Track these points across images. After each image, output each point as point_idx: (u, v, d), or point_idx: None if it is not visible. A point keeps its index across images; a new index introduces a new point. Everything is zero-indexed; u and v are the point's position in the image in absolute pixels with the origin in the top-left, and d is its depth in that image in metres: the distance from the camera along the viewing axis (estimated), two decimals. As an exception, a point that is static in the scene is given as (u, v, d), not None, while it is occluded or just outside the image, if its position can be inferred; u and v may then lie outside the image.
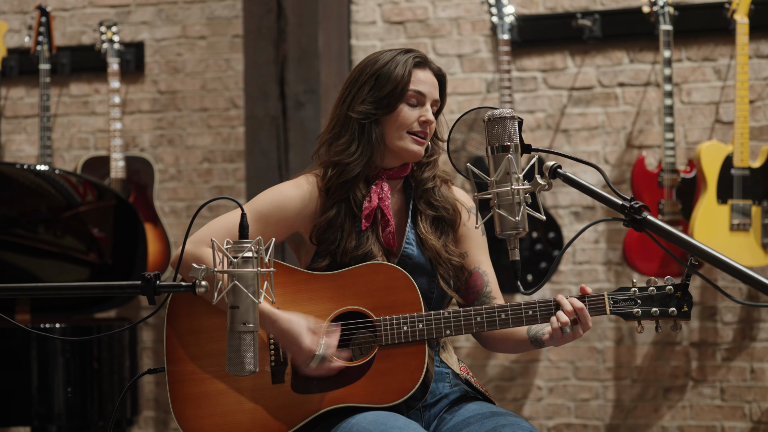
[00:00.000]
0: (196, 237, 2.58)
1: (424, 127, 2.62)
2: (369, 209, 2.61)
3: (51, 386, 4.13)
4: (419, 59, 2.66)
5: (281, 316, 2.50)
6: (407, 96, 2.62)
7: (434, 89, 2.66)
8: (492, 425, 2.46)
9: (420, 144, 2.62)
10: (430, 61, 2.69)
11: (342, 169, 2.62)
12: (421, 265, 2.62)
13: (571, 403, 4.92)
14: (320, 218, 2.62)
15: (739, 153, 4.49)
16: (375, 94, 2.62)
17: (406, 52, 2.67)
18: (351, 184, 2.62)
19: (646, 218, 2.03)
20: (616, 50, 4.87)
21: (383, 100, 2.62)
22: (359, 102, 2.63)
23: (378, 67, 2.64)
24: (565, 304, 2.46)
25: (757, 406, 4.74)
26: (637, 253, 4.61)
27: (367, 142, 2.62)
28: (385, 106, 2.62)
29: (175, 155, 5.30)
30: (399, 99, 2.62)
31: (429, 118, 2.62)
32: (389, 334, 2.51)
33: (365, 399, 2.50)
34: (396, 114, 2.62)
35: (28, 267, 4.49)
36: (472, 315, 2.51)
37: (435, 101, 2.66)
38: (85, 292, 2.31)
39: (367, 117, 2.62)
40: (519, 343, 2.62)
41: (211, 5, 5.27)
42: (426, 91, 2.63)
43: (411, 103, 2.63)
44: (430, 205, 2.67)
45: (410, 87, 2.62)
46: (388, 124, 2.63)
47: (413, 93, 2.62)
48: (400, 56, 2.65)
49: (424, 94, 2.63)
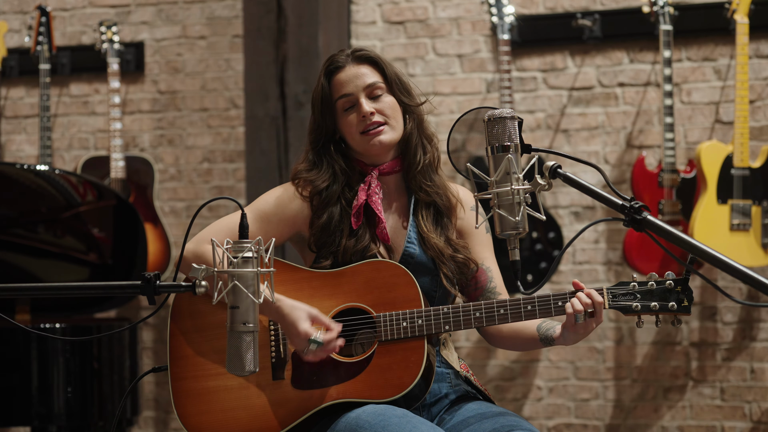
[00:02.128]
0: (198, 237, 2.61)
1: (366, 121, 2.61)
2: (356, 207, 2.62)
3: (51, 386, 4.13)
4: (333, 65, 2.65)
5: (285, 301, 2.52)
6: (338, 105, 2.64)
7: (361, 78, 2.63)
8: (492, 425, 2.46)
9: (376, 134, 2.61)
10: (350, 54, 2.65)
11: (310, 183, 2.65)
12: (423, 264, 2.63)
13: (571, 403, 4.92)
14: (314, 226, 2.64)
15: (739, 153, 4.49)
16: (315, 121, 2.68)
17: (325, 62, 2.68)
18: (328, 192, 2.64)
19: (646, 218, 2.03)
20: (616, 50, 4.87)
21: (323, 122, 2.66)
22: (310, 131, 2.70)
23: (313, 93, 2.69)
24: (582, 296, 2.46)
25: (757, 406, 4.74)
26: (637, 253, 4.61)
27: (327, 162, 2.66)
28: (327, 126, 2.65)
29: (175, 155, 5.30)
30: (333, 113, 2.65)
31: (363, 111, 2.60)
32: (389, 329, 2.52)
33: (365, 394, 2.51)
34: (342, 125, 2.65)
35: (28, 267, 4.49)
36: (471, 310, 2.52)
37: (369, 87, 2.63)
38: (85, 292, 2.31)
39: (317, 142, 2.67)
40: (528, 341, 2.61)
41: (211, 5, 5.27)
42: (351, 90, 2.62)
43: (346, 108, 2.63)
44: (425, 192, 2.66)
45: (335, 97, 2.63)
46: (344, 135, 2.66)
47: (342, 100, 2.63)
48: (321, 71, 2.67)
49: (351, 93, 2.62)
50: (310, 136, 2.69)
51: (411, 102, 2.67)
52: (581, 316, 2.45)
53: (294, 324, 2.50)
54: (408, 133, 2.66)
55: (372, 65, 2.65)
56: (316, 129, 2.67)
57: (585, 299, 2.46)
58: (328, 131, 2.65)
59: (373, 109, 2.60)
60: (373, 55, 2.65)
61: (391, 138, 2.62)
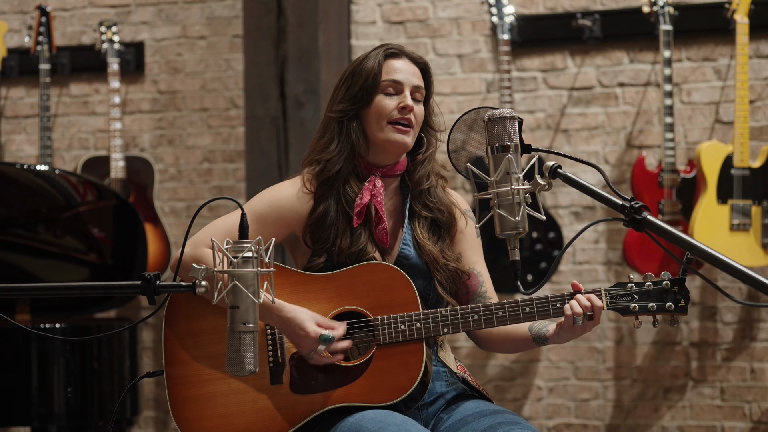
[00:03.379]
0: (194, 239, 2.59)
1: (404, 113, 2.60)
2: (360, 206, 2.61)
3: (51, 386, 4.13)
4: (392, 50, 2.65)
5: (286, 305, 2.51)
6: (382, 86, 2.62)
7: (413, 76, 2.64)
8: (489, 423, 2.46)
9: (403, 132, 2.61)
10: (407, 51, 2.67)
11: (323, 166, 2.63)
12: (417, 266, 2.62)
13: (571, 403, 4.92)
14: (310, 218, 2.62)
15: (739, 153, 4.49)
16: (350, 91, 2.64)
17: (381, 46, 2.67)
18: (334, 181, 2.62)
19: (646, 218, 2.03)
20: (616, 50, 4.87)
21: (357, 94, 2.62)
22: (337, 101, 2.65)
23: (353, 65, 2.66)
24: (581, 298, 2.46)
25: (757, 406, 4.74)
26: (637, 253, 4.61)
27: (346, 138, 2.63)
28: (359, 99, 2.62)
29: (175, 155, 5.30)
30: (373, 90, 2.62)
31: (407, 103, 2.60)
32: (387, 333, 2.51)
33: (364, 398, 2.50)
34: (374, 105, 2.62)
35: (28, 267, 4.49)
36: (470, 313, 2.51)
37: (416, 88, 2.64)
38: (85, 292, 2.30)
39: (344, 114, 2.63)
40: (520, 341, 2.61)
41: (211, 5, 5.27)
42: (402, 79, 2.62)
43: (388, 93, 2.62)
44: (425, 206, 2.67)
45: (383, 77, 2.61)
46: (368, 117, 2.63)
47: (388, 82, 2.62)
48: (373, 51, 2.66)
49: (401, 82, 2.62)
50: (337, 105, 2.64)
51: (433, 125, 2.70)
52: (580, 319, 2.46)
53: (301, 326, 2.49)
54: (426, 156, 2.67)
55: (423, 72, 2.67)
56: (349, 99, 2.63)
57: (585, 302, 2.46)
58: (358, 105, 2.62)
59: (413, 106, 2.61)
60: (426, 62, 2.69)
61: (410, 145, 2.64)
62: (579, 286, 2.50)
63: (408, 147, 2.63)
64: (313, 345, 2.48)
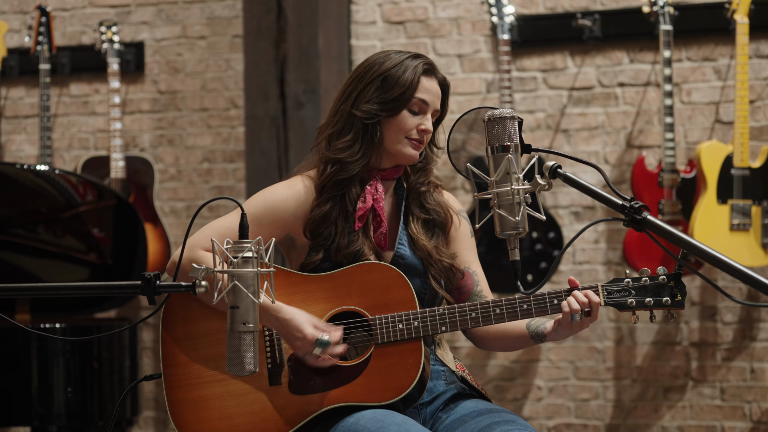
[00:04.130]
0: (191, 241, 2.57)
1: (421, 135, 2.64)
2: (363, 210, 2.62)
3: (51, 386, 4.13)
4: (428, 66, 2.66)
5: (284, 307, 2.51)
6: (412, 102, 2.63)
7: (437, 99, 2.67)
8: (488, 422, 2.46)
9: (416, 149, 2.64)
10: (437, 69, 2.69)
11: (342, 167, 2.62)
12: (413, 265, 2.63)
13: (571, 403, 4.92)
14: (314, 212, 2.62)
15: (739, 153, 4.49)
16: (381, 96, 2.62)
17: (415, 57, 2.67)
18: (347, 183, 2.63)
19: (646, 218, 2.03)
20: (616, 50, 4.87)
21: (389, 102, 2.62)
22: (364, 101, 2.63)
23: (386, 68, 2.64)
24: (579, 294, 2.47)
25: (757, 406, 4.74)
26: (637, 253, 4.61)
27: (369, 142, 2.63)
28: (390, 108, 2.62)
29: (175, 155, 5.30)
30: (404, 104, 2.63)
31: (428, 128, 2.64)
32: (385, 332, 2.52)
33: (363, 398, 2.50)
34: (399, 118, 2.63)
35: (28, 267, 4.49)
36: (467, 311, 2.52)
37: (436, 111, 2.67)
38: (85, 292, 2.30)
39: (372, 117, 2.63)
40: (518, 339, 2.62)
41: (211, 5, 5.27)
42: (429, 101, 2.65)
43: (413, 110, 2.64)
44: (422, 208, 2.69)
45: (416, 94, 2.63)
46: (389, 127, 2.63)
47: (417, 101, 2.63)
48: (410, 61, 2.65)
49: (428, 103, 2.64)
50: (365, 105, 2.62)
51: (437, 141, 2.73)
52: (578, 315, 2.46)
53: (299, 328, 2.49)
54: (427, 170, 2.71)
55: (444, 94, 2.69)
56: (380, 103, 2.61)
57: (582, 299, 2.47)
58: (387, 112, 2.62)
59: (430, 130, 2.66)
60: (449, 84, 2.71)
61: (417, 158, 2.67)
62: (576, 282, 2.51)
63: (415, 160, 2.67)
64: (309, 348, 2.49)
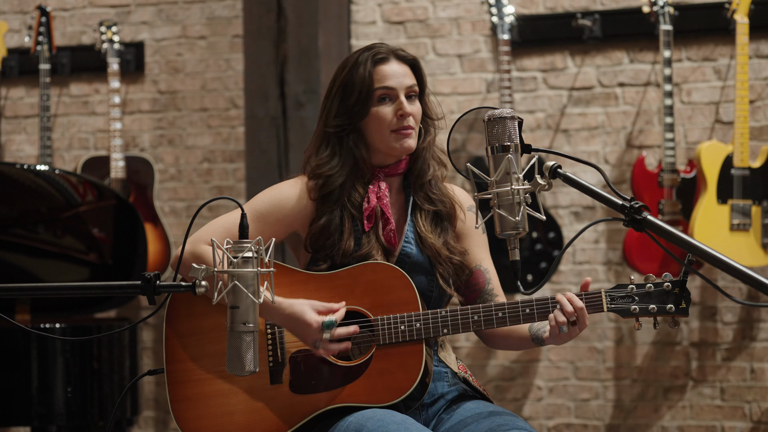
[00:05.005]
0: (194, 237, 2.59)
1: (401, 121, 2.58)
2: (369, 210, 2.60)
3: (51, 386, 4.13)
4: (380, 54, 2.60)
5: (284, 301, 2.50)
6: (376, 95, 2.59)
7: (405, 77, 2.60)
8: (490, 425, 2.46)
9: (405, 137, 2.59)
10: (394, 51, 2.62)
11: (325, 180, 2.61)
12: (419, 263, 2.62)
13: (571, 403, 4.92)
14: (313, 226, 2.61)
15: (739, 153, 4.49)
16: (345, 105, 2.60)
17: (366, 50, 2.62)
18: (339, 192, 2.61)
19: (646, 218, 2.03)
20: (616, 50, 4.87)
21: (353, 108, 2.59)
22: (332, 116, 2.62)
23: (343, 75, 2.61)
24: (565, 304, 2.45)
25: (757, 406, 4.74)
26: (637, 253, 4.61)
27: (347, 153, 2.61)
28: (356, 113, 2.59)
29: (175, 155, 5.30)
30: (368, 101, 2.59)
31: (405, 111, 2.58)
32: (387, 333, 2.51)
33: (363, 398, 2.50)
34: (372, 116, 2.59)
35: (28, 267, 4.49)
36: (470, 314, 2.51)
37: (410, 88, 2.61)
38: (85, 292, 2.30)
39: (343, 129, 2.61)
40: (521, 340, 2.62)
41: (211, 5, 5.27)
42: (394, 84, 2.59)
43: (383, 101, 2.59)
44: (428, 199, 2.65)
45: (375, 85, 2.58)
46: (369, 128, 2.60)
47: (381, 90, 2.58)
48: (361, 56, 2.61)
49: (393, 87, 2.59)
50: (334, 120, 2.61)
51: (431, 114, 2.67)
52: (565, 327, 2.45)
53: (302, 317, 2.48)
54: (425, 145, 2.65)
55: (412, 68, 2.63)
56: (346, 113, 2.60)
57: (568, 308, 2.45)
58: (357, 118, 2.59)
59: (411, 111, 2.59)
60: (414, 57, 2.65)
61: (413, 147, 2.61)
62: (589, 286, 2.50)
63: (412, 149, 2.61)
64: (317, 334, 2.47)
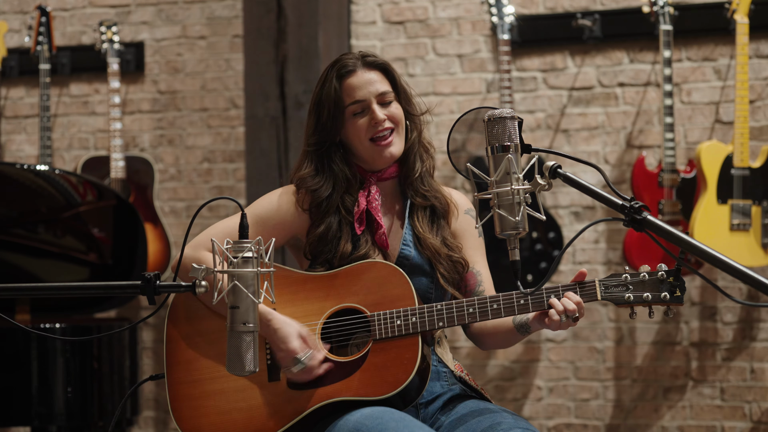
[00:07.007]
0: (195, 241, 2.61)
1: (377, 128, 2.61)
2: (358, 213, 2.63)
3: (51, 386, 4.13)
4: (344, 69, 2.62)
5: (277, 316, 2.53)
6: (348, 111, 2.62)
7: (373, 84, 2.62)
8: (488, 423, 2.46)
9: (386, 145, 2.62)
10: (363, 58, 2.64)
11: (311, 193, 2.64)
12: (419, 265, 2.64)
13: (571, 403, 4.92)
14: (310, 235, 2.64)
15: (739, 153, 4.49)
16: (319, 123, 2.64)
17: (333, 64, 2.64)
18: (327, 204, 2.63)
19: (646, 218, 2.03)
20: (616, 50, 4.87)
21: (326, 125, 2.63)
22: (310, 134, 2.66)
23: (315, 95, 2.66)
24: (556, 305, 2.46)
25: (757, 406, 4.74)
26: (637, 253, 4.61)
27: (329, 168, 2.64)
28: (330, 129, 2.63)
29: (175, 155, 5.30)
30: (340, 116, 2.62)
31: (377, 118, 2.60)
32: (383, 328, 2.53)
33: (359, 392, 2.51)
34: (347, 130, 2.63)
35: (28, 267, 4.49)
36: (465, 306, 2.53)
37: (382, 94, 2.63)
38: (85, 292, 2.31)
39: (321, 145, 2.64)
40: (507, 333, 2.62)
41: (211, 5, 5.27)
42: (362, 95, 2.61)
43: (356, 113, 2.62)
44: (422, 196, 2.68)
45: (345, 101, 2.61)
46: (349, 140, 2.65)
47: (353, 106, 2.62)
48: (329, 72, 2.63)
49: (363, 99, 2.61)
50: (311, 138, 2.66)
51: (414, 112, 2.69)
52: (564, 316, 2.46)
53: (285, 340, 2.51)
54: (411, 143, 2.67)
55: (382, 72, 2.65)
56: (321, 131, 2.64)
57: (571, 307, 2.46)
58: (332, 135, 2.64)
59: (385, 116, 2.61)
60: (383, 62, 2.66)
61: (399, 149, 2.64)
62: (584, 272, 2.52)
63: (397, 155, 2.64)
64: (288, 363, 2.52)
